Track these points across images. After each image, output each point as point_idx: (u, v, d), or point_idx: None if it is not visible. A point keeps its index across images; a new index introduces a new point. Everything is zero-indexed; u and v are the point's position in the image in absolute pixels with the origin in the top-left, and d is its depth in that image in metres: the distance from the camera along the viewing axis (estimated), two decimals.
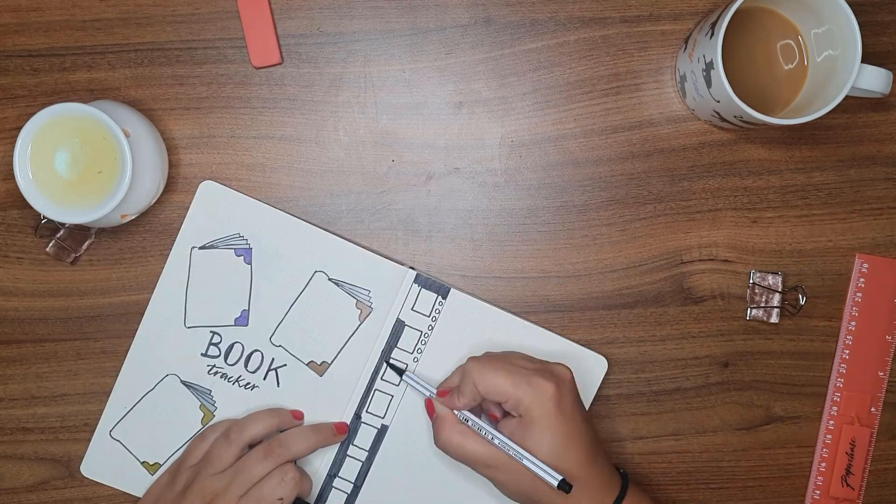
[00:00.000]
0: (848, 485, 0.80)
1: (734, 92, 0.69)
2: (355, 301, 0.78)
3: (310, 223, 0.78)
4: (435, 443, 0.73)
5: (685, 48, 0.76)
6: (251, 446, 0.75)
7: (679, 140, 0.79)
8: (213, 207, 0.78)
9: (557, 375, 0.71)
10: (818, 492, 0.80)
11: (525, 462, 0.69)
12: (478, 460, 0.71)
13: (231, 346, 0.78)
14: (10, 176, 0.77)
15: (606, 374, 0.79)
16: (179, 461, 0.76)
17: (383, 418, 0.78)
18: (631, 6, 0.79)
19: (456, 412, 0.73)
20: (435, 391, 0.75)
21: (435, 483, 0.78)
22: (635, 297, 0.80)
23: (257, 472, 0.72)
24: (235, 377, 0.78)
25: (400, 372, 0.77)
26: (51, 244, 0.78)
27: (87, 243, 0.78)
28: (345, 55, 0.78)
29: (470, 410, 0.73)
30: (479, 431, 0.71)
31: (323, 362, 0.78)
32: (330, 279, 0.78)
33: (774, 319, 0.80)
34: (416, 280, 0.78)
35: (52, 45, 0.77)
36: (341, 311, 0.78)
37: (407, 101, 0.79)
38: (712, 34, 0.70)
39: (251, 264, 0.78)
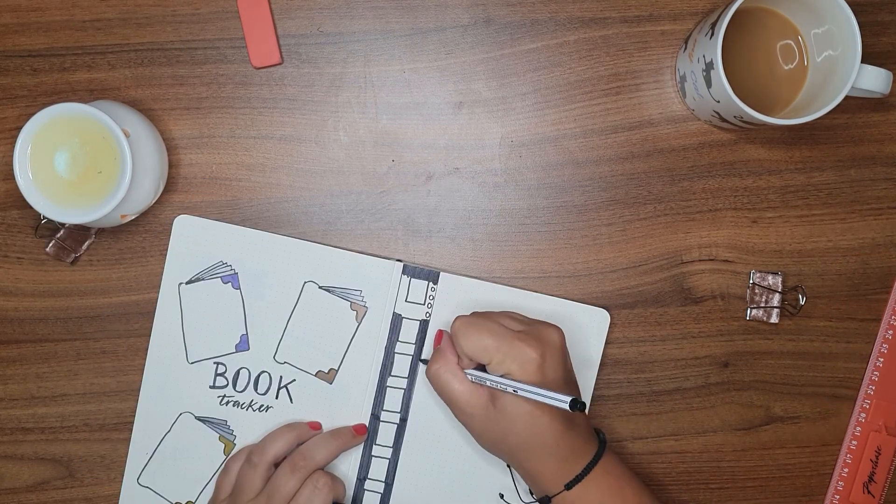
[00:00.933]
0: (869, 492, 0.80)
1: (734, 92, 0.69)
2: (349, 303, 0.78)
3: (289, 237, 0.78)
4: (426, 372, 0.73)
5: (685, 48, 0.76)
6: (277, 465, 0.75)
7: (679, 140, 0.79)
8: (191, 241, 0.78)
9: (543, 339, 0.70)
10: (838, 496, 0.80)
11: (530, 394, 0.67)
12: (457, 402, 0.71)
13: (237, 373, 0.78)
14: (10, 176, 0.77)
15: (605, 375, 0.79)
16: (211, 500, 0.77)
17: (400, 412, 0.78)
18: (631, 6, 0.79)
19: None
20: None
21: (462, 465, 0.78)
22: (635, 297, 0.80)
23: (289, 489, 0.73)
24: (248, 402, 0.78)
25: (425, 363, 0.77)
26: (51, 244, 0.78)
27: (87, 243, 0.78)
28: (345, 55, 0.78)
29: None
30: (480, 381, 0.70)
31: (330, 370, 0.78)
32: (321, 287, 0.78)
33: (774, 319, 0.80)
34: (405, 271, 0.78)
35: (52, 45, 0.77)
36: (338, 316, 0.78)
37: (407, 101, 0.79)
38: (712, 34, 0.70)
39: (240, 289, 0.78)
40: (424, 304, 0.78)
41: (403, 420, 0.78)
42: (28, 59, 0.77)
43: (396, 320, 0.78)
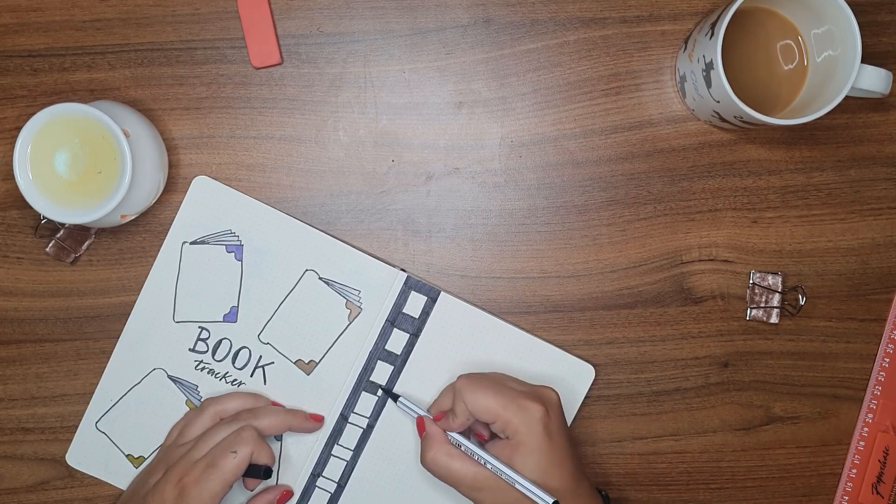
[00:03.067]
0: (878, 492, 0.80)
1: (734, 92, 0.69)
2: (345, 301, 0.78)
3: (303, 222, 0.78)
4: (421, 461, 0.73)
5: (685, 48, 0.76)
6: None
7: (679, 140, 0.79)
8: (205, 203, 0.78)
9: (545, 398, 0.72)
10: (846, 497, 0.80)
11: (517, 485, 0.69)
12: (463, 481, 0.71)
13: (219, 343, 0.78)
14: (10, 176, 0.77)
15: (605, 376, 0.79)
16: (161, 445, 0.78)
17: (369, 419, 0.78)
18: (631, 6, 0.79)
19: (448, 434, 0.73)
20: (429, 414, 0.75)
21: (418, 486, 0.78)
22: (635, 298, 0.80)
23: (219, 437, 0.73)
24: (223, 373, 0.78)
25: (395, 398, 0.77)
26: (51, 244, 0.78)
27: (86, 243, 0.78)
28: (345, 55, 0.78)
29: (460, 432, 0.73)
30: (473, 455, 0.71)
31: (311, 361, 0.78)
32: (321, 278, 0.78)
33: (774, 320, 0.80)
34: (407, 283, 0.78)
35: (52, 45, 0.77)
36: (331, 311, 0.78)
37: (407, 101, 0.79)
38: (712, 34, 0.70)
39: (242, 261, 0.78)
40: (418, 319, 0.78)
41: (370, 427, 0.78)
42: (28, 59, 0.77)
43: (387, 328, 0.78)
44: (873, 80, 0.70)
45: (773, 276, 0.80)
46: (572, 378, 0.78)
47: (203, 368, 0.78)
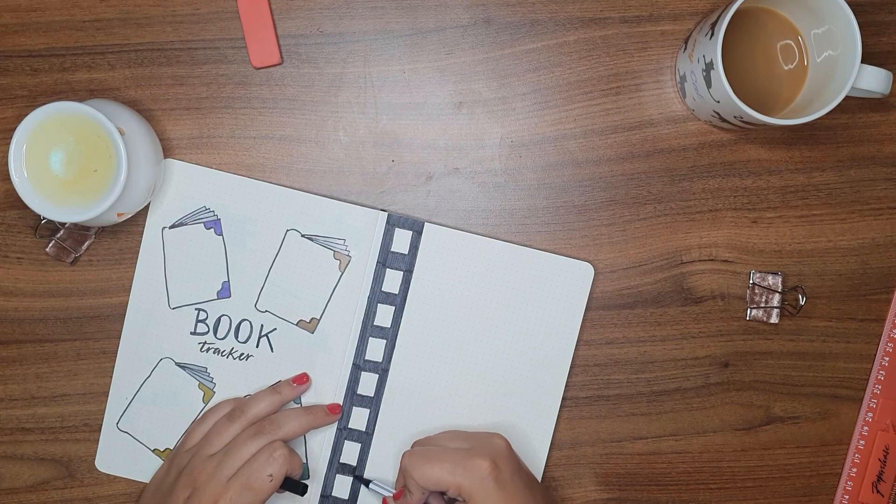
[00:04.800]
0: (878, 491, 0.80)
1: (734, 92, 0.69)
2: (332, 252, 0.78)
3: (272, 183, 0.78)
4: None
5: (685, 48, 0.76)
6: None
7: (679, 140, 0.79)
8: (175, 185, 0.78)
9: (492, 450, 0.71)
10: (847, 496, 0.80)
11: None
12: None
13: (218, 320, 0.78)
14: (10, 176, 0.77)
15: (606, 376, 0.79)
16: (178, 446, 0.77)
17: (382, 363, 0.78)
18: (631, 6, 0.79)
19: None
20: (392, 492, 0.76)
21: (444, 416, 0.78)
22: (635, 298, 0.80)
23: (247, 451, 0.73)
24: (228, 350, 0.78)
25: (366, 483, 0.77)
26: (50, 244, 0.78)
27: (86, 243, 0.78)
28: (345, 55, 0.78)
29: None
30: None
31: (312, 319, 0.78)
32: (303, 236, 0.78)
33: (774, 320, 0.80)
34: (389, 221, 0.78)
35: (52, 45, 0.77)
36: (320, 266, 0.78)
37: (407, 101, 0.79)
38: (712, 34, 0.70)
39: (222, 235, 0.78)
40: (408, 255, 0.78)
41: (385, 371, 0.78)
42: (28, 59, 0.77)
43: (380, 270, 0.78)
44: (873, 80, 0.70)
45: (774, 277, 0.80)
46: (572, 281, 0.78)
47: (208, 349, 0.78)
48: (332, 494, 0.78)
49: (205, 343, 0.78)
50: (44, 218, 0.76)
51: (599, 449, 0.80)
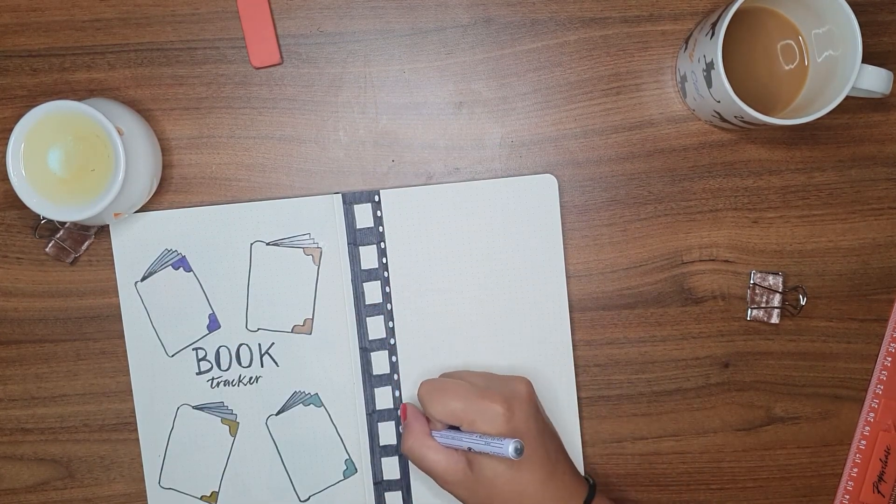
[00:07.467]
0: (879, 491, 0.80)
1: (734, 92, 0.69)
2: (302, 249, 0.78)
3: (219, 204, 0.78)
4: (401, 448, 0.74)
5: (685, 48, 0.76)
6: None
7: (679, 140, 0.79)
8: (130, 237, 0.78)
9: (509, 393, 0.71)
10: (848, 496, 0.80)
11: (477, 447, 0.68)
12: (435, 472, 0.72)
13: (217, 353, 0.78)
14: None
15: (606, 376, 0.79)
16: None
17: (386, 338, 0.78)
18: (631, 6, 0.79)
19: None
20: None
21: (463, 367, 0.78)
22: (636, 298, 0.80)
23: None
24: (236, 378, 0.79)
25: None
26: (50, 244, 0.78)
27: (86, 243, 0.78)
28: (345, 55, 0.78)
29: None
30: (451, 439, 0.71)
31: (305, 320, 0.78)
32: (269, 243, 0.78)
33: (775, 320, 0.80)
34: (345, 200, 0.78)
35: (51, 45, 0.77)
36: (295, 266, 0.78)
37: (407, 101, 0.79)
38: (713, 34, 0.70)
39: (193, 270, 0.78)
40: (375, 227, 0.78)
41: (392, 344, 0.78)
42: (28, 59, 0.77)
43: (353, 251, 0.78)
44: (874, 80, 0.70)
45: (774, 277, 0.80)
46: (538, 196, 0.78)
47: (218, 383, 0.79)
48: (384, 479, 0.78)
49: (213, 379, 0.79)
50: (43, 218, 0.76)
51: (600, 449, 0.80)
